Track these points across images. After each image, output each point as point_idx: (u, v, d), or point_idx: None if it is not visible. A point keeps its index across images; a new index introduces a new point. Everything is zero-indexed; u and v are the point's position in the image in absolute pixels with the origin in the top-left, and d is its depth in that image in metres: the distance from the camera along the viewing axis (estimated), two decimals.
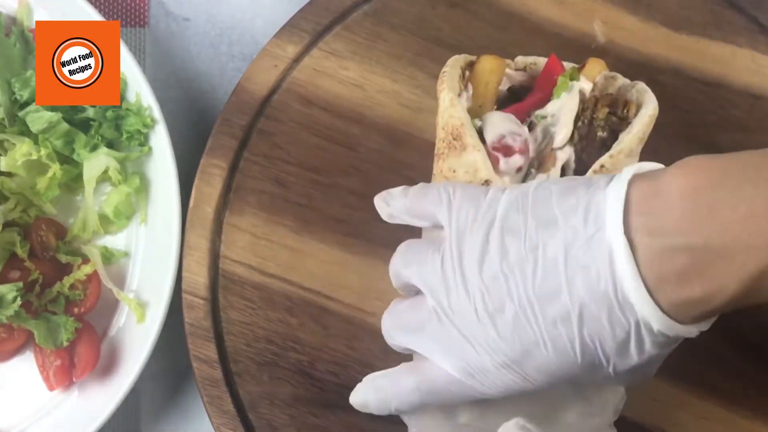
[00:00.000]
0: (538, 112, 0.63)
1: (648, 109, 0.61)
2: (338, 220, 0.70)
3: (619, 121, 0.61)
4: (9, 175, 0.70)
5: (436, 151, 0.63)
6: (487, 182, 0.59)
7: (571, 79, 0.62)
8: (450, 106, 0.61)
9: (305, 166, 0.70)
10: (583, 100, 0.62)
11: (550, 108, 0.62)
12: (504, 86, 0.65)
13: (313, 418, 0.68)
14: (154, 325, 0.68)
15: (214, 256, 0.69)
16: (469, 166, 0.60)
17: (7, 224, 0.70)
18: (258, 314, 0.69)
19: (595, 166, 0.59)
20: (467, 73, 0.64)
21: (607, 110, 0.61)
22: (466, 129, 0.60)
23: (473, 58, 0.65)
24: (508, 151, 0.60)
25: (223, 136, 0.70)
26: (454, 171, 0.60)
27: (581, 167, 0.60)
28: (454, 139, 0.60)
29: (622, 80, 0.64)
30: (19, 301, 0.67)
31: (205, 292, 0.69)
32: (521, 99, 0.64)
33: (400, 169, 0.70)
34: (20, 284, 0.68)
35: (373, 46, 0.72)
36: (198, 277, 0.69)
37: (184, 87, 0.77)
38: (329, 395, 0.68)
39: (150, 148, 0.71)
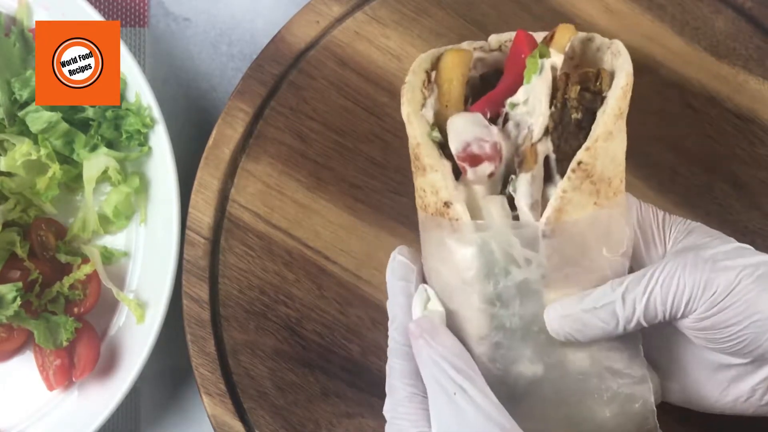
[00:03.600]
0: (510, 99, 0.57)
1: (620, 80, 0.55)
2: (352, 185, 0.70)
3: (593, 97, 0.56)
4: (9, 175, 0.70)
5: (412, 167, 0.60)
6: (446, 204, 0.56)
7: (541, 57, 0.57)
8: (407, 124, 0.58)
9: (329, 126, 0.71)
10: (555, 77, 0.57)
11: (521, 95, 0.57)
12: (478, 72, 0.62)
13: (292, 374, 0.68)
14: (154, 325, 0.68)
15: (223, 198, 0.70)
16: (431, 186, 0.56)
17: (7, 224, 0.70)
18: (256, 263, 0.69)
19: (573, 164, 0.54)
20: (433, 74, 0.60)
21: (578, 87, 0.55)
22: (422, 149, 0.56)
23: (441, 51, 0.61)
24: (474, 160, 0.55)
25: (253, 82, 0.71)
26: (424, 190, 0.57)
27: (561, 156, 0.56)
28: (416, 158, 0.58)
29: (600, 40, 0.59)
30: (19, 301, 0.67)
31: (208, 232, 0.69)
32: (495, 85, 0.59)
33: None
34: (20, 284, 0.68)
35: (417, 19, 0.71)
36: (203, 216, 0.69)
37: (184, 87, 0.77)
38: (311, 355, 0.68)
39: (150, 148, 0.71)
